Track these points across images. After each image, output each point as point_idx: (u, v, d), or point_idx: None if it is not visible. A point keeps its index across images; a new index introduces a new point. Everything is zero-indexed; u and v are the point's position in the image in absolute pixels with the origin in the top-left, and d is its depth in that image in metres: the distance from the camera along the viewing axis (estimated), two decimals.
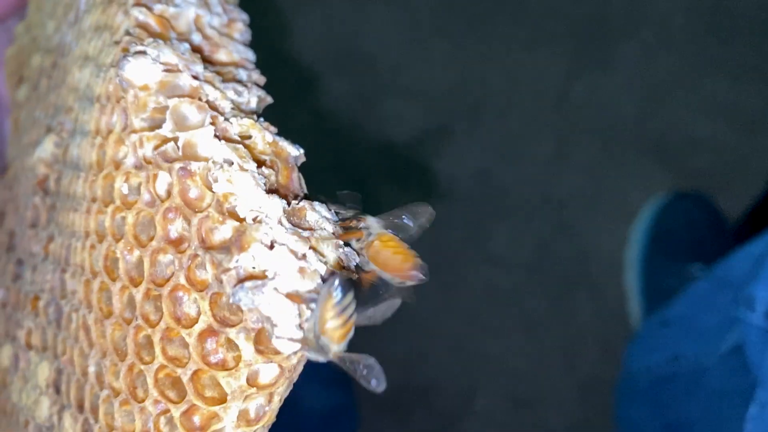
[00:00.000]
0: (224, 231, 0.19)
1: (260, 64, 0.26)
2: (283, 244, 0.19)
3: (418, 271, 0.22)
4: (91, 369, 0.23)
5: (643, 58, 1.09)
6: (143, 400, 0.21)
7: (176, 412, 0.21)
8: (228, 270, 0.19)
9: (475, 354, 1.03)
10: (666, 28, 1.10)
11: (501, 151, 1.08)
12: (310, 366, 0.22)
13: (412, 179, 1.07)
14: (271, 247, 0.19)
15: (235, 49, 0.25)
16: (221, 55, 0.24)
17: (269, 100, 0.24)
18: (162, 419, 0.21)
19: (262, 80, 0.25)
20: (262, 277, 0.19)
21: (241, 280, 0.19)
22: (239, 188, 0.20)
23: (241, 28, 0.26)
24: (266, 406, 0.21)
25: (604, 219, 1.05)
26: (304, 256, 0.19)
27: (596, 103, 1.09)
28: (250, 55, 0.25)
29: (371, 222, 0.22)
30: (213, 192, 0.20)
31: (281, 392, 0.21)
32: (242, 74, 0.24)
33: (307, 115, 1.07)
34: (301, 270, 0.19)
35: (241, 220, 0.20)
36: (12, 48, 0.36)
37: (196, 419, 0.20)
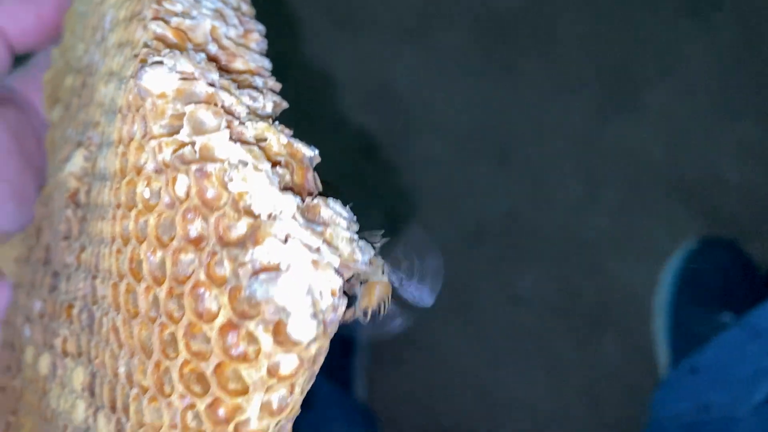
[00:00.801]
0: (240, 228, 0.20)
1: (289, 101, 0.27)
2: (297, 238, 0.20)
3: None
4: (122, 369, 0.24)
5: (671, 102, 1.10)
6: (170, 395, 0.22)
7: (201, 405, 0.21)
8: (244, 264, 0.20)
9: (499, 396, 1.03)
10: (695, 73, 1.10)
11: (529, 191, 1.09)
12: (334, 403, 0.23)
13: (439, 218, 1.08)
14: (285, 241, 0.20)
15: (251, 58, 0.26)
16: (237, 64, 0.25)
17: (284, 105, 0.25)
18: (189, 414, 0.22)
19: (278, 86, 0.26)
20: (276, 269, 0.19)
21: (256, 273, 0.20)
22: (254, 187, 0.21)
23: (257, 38, 0.27)
24: (288, 397, 0.21)
25: (633, 262, 1.05)
26: (317, 250, 0.20)
27: (625, 146, 1.09)
28: (266, 63, 0.26)
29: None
30: (229, 191, 0.21)
31: (302, 383, 0.21)
32: (258, 81, 0.25)
33: (336, 152, 1.09)
34: (315, 262, 0.20)
35: (256, 217, 0.20)
36: (49, 72, 0.37)
37: (221, 412, 0.21)
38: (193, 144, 0.21)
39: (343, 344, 0.97)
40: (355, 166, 1.04)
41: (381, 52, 1.09)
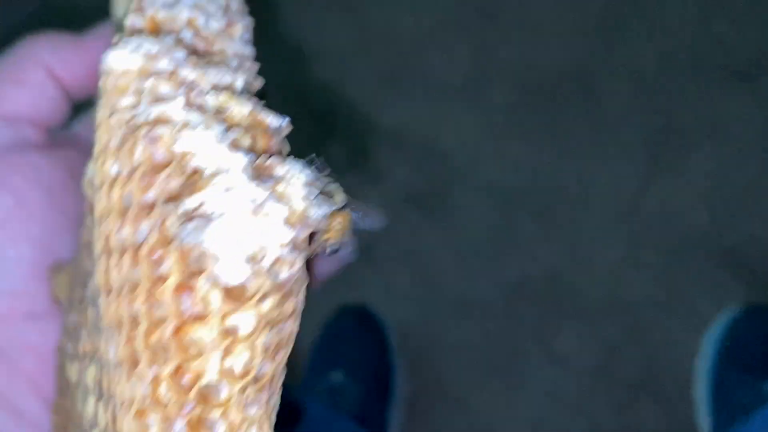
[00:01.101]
0: (182, 184, 0.20)
1: (336, 154, 0.28)
2: (238, 189, 0.20)
3: None
4: (111, 353, 0.24)
5: (717, 166, 1.10)
6: (139, 367, 0.22)
7: (166, 372, 0.21)
8: (179, 214, 0.20)
9: None
10: (740, 138, 1.11)
11: (572, 252, 1.10)
12: None
13: (481, 274, 1.09)
14: (226, 192, 0.20)
15: (230, 45, 0.26)
16: (214, 49, 0.26)
17: (258, 84, 0.25)
18: (157, 384, 0.22)
19: (255, 67, 0.26)
20: (207, 216, 0.19)
21: (189, 220, 0.19)
22: (200, 145, 0.21)
23: (240, 30, 0.27)
24: (252, 361, 0.21)
25: (675, 327, 1.04)
26: (261, 201, 0.20)
27: (669, 210, 1.09)
28: (247, 50, 0.27)
29: None
30: (176, 152, 0.21)
31: (265, 345, 0.21)
32: (233, 62, 0.25)
33: (379, 202, 1.11)
34: (255, 212, 0.20)
35: (200, 173, 0.20)
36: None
37: (184, 378, 0.21)
38: (149, 113, 0.22)
39: (380, 395, 0.98)
40: (398, 218, 1.06)
41: (428, 109, 1.13)
